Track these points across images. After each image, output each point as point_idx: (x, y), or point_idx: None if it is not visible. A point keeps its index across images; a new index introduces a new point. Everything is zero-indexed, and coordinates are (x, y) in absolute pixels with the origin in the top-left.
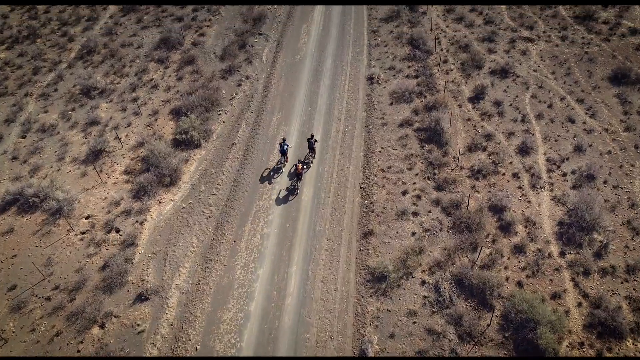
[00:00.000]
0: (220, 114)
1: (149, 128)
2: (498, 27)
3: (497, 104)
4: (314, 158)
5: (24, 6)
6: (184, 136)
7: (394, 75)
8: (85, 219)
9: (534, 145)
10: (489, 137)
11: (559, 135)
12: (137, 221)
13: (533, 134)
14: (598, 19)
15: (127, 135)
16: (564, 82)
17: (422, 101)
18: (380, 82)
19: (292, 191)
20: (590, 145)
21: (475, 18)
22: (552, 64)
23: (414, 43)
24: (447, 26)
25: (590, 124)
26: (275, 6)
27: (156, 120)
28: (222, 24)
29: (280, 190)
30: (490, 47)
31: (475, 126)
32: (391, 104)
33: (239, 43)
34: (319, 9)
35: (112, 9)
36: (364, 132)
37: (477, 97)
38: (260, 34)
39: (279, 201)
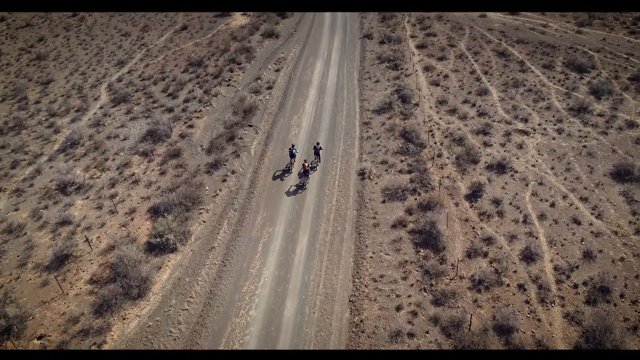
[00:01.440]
0: (201, 212)
1: (124, 229)
2: (492, 120)
3: (496, 202)
4: (320, 162)
5: (15, 97)
6: (158, 240)
7: (386, 170)
8: (38, 339)
9: (539, 251)
10: (489, 241)
11: (565, 239)
12: (94, 343)
13: (537, 237)
14: (593, 112)
15: (98, 237)
16: (565, 179)
17: (416, 199)
18: (372, 177)
19: (301, 187)
20: (601, 251)
21: (468, 110)
22: (550, 158)
23: (407, 136)
24: (440, 118)
25: (597, 226)
26: (267, 97)
27: (132, 219)
28: (212, 115)
29: (291, 185)
30: (485, 140)
31: (474, 228)
32: (383, 201)
33: (227, 135)
34: (311, 99)
35: (104, 99)
36: (354, 234)
37: (474, 194)
38: (250, 126)
39: (289, 194)
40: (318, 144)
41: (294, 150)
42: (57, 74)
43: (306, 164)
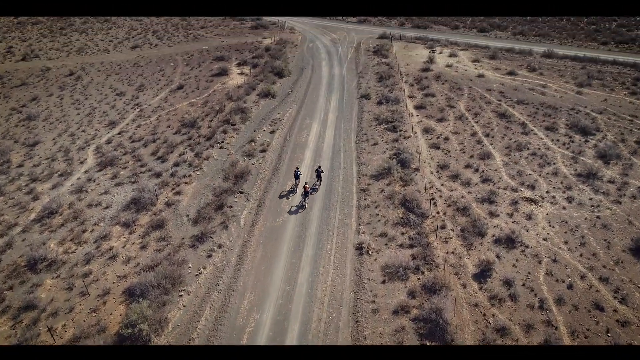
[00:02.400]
0: (182, 294)
1: (94, 315)
2: (497, 186)
3: (508, 283)
4: (321, 184)
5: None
6: (130, 331)
7: (386, 244)
8: None
9: (561, 344)
10: (503, 331)
11: (588, 329)
12: None
13: (557, 328)
14: (603, 178)
15: (64, 325)
16: (581, 255)
17: (419, 279)
18: (370, 252)
19: (301, 206)
20: (631, 344)
21: (471, 175)
22: (562, 230)
23: (407, 205)
24: (442, 184)
25: (622, 313)
26: (261, 161)
27: (105, 303)
28: (202, 180)
29: (292, 206)
30: (491, 209)
31: (484, 315)
32: (383, 282)
33: (216, 204)
34: (306, 162)
35: (90, 162)
36: (351, 322)
37: (483, 273)
38: (242, 192)
39: (292, 213)
40: (320, 167)
41: (298, 173)
42: (46, 135)
43: (307, 186)
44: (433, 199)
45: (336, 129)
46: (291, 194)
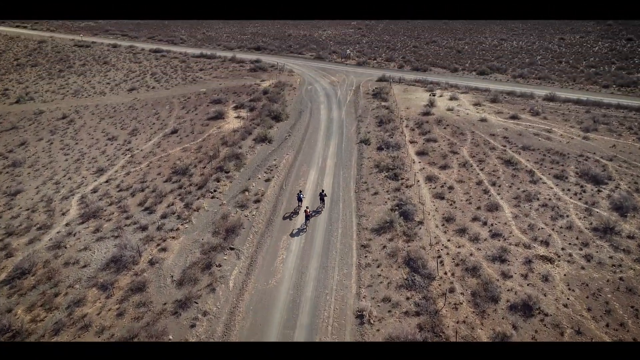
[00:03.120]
0: None
1: None
2: (508, 242)
3: None
4: (324, 207)
5: None
6: None
7: (389, 311)
8: None
9: None
10: None
11: None
12: None
13: None
14: (621, 233)
15: None
16: (607, 325)
17: None
18: (372, 321)
19: (302, 230)
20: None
21: (479, 230)
22: (583, 295)
23: (412, 264)
24: (449, 240)
25: None
26: (254, 213)
27: None
28: (190, 234)
29: (293, 229)
30: (503, 269)
31: None
32: None
33: (204, 262)
34: (303, 214)
35: (72, 213)
36: None
37: None
38: (232, 249)
39: (294, 235)
40: (323, 191)
41: (301, 196)
42: (29, 183)
43: (307, 210)
44: (439, 256)
45: (335, 176)
46: (294, 216)
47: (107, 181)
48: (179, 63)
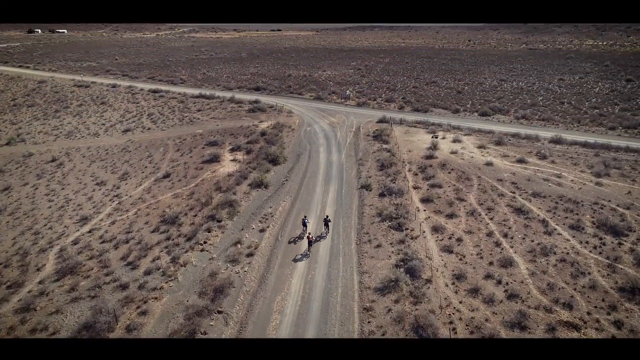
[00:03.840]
0: None
1: None
2: (526, 305)
3: None
4: (329, 231)
5: None
6: None
7: None
8: None
9: None
10: None
11: None
12: None
13: None
14: None
15: None
16: None
17: None
18: None
19: (306, 255)
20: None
21: (494, 289)
22: None
23: (421, 332)
24: (461, 302)
25: None
26: (246, 269)
27: None
28: (175, 294)
29: (296, 255)
30: (523, 337)
31: None
32: None
33: (187, 330)
34: (299, 271)
35: (48, 269)
36: None
37: None
38: (220, 312)
39: (297, 260)
40: (327, 216)
41: (305, 221)
42: (7, 233)
43: (310, 236)
44: (452, 322)
45: (334, 226)
46: (298, 240)
47: (90, 231)
48: (177, 103)
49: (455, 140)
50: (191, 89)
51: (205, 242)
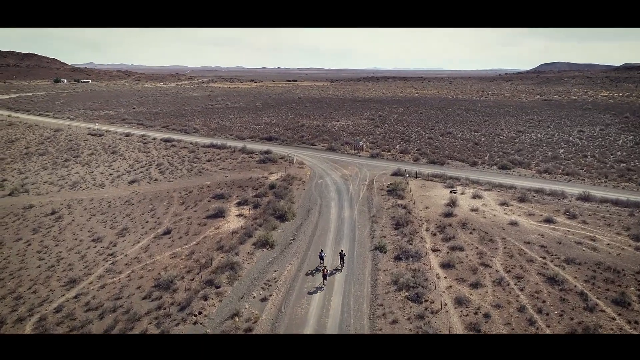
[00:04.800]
0: None
1: None
2: None
3: None
4: (344, 265)
5: None
6: None
7: None
8: None
9: None
10: None
11: None
12: None
13: None
14: None
15: None
16: None
17: None
18: None
19: (321, 288)
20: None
21: None
22: None
23: None
24: None
25: None
26: None
27: None
28: None
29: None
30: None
31: None
32: None
33: None
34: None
35: None
36: None
37: None
38: None
39: (312, 292)
40: (342, 251)
41: (322, 254)
42: None
43: (325, 269)
44: None
45: (344, 296)
46: (315, 272)
47: (76, 296)
48: (188, 153)
49: (475, 196)
50: (204, 138)
51: (199, 313)
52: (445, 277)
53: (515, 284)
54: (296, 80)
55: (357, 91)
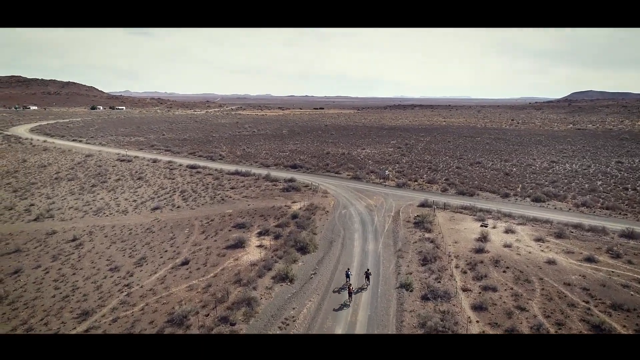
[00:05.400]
0: None
1: None
2: None
3: None
4: (369, 284)
5: None
6: None
7: None
8: None
9: None
10: None
11: None
12: None
13: None
14: None
15: None
16: None
17: None
18: None
19: (346, 305)
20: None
21: None
22: None
23: None
24: None
25: None
26: None
27: None
28: None
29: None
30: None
31: None
32: None
33: None
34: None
35: None
36: None
37: None
38: None
39: (338, 309)
40: (368, 269)
41: (349, 273)
42: None
43: (351, 287)
44: None
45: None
46: (342, 290)
47: (87, 330)
48: (212, 180)
49: (508, 231)
50: (229, 165)
51: None
52: (477, 321)
53: (556, 332)
54: (323, 108)
55: (384, 119)
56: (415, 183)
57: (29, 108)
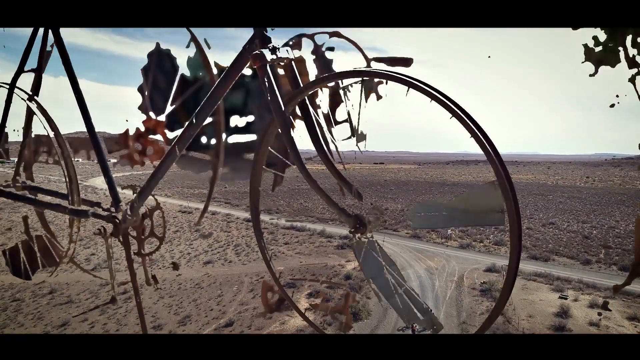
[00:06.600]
0: None
1: None
2: None
3: None
4: None
5: None
6: None
7: None
8: None
9: None
10: None
11: None
12: None
13: None
14: None
15: None
16: None
17: None
18: None
19: None
20: None
21: None
22: None
23: None
24: None
25: None
26: None
27: None
28: None
29: None
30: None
31: None
32: None
33: None
34: None
35: None
36: None
37: None
38: None
39: None
40: (415, 324)
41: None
42: None
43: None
44: None
45: None
46: None
47: None
48: (267, 235)
49: (592, 305)
50: (285, 219)
51: None
52: None
53: None
54: (383, 163)
55: (446, 174)
56: (481, 244)
57: (109, 161)
